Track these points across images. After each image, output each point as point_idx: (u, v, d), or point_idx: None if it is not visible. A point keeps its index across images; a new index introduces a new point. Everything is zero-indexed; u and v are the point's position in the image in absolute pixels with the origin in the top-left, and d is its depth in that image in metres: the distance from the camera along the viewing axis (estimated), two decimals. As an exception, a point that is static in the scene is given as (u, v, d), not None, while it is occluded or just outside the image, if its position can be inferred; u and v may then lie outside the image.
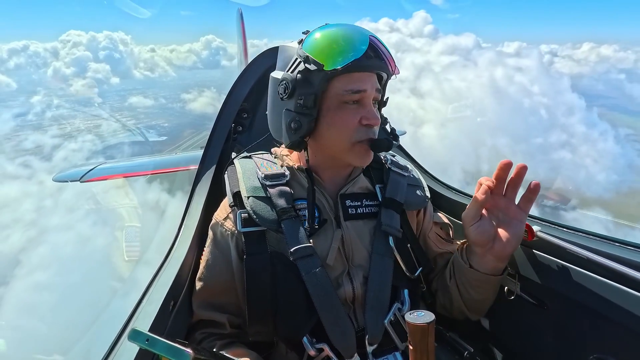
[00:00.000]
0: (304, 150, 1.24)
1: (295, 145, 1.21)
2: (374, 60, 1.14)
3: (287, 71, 1.19)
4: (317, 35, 1.17)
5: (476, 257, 1.20)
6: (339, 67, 1.10)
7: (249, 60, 1.94)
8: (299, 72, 1.16)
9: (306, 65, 1.13)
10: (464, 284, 1.25)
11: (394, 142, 1.22)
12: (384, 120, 1.30)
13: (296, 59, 1.17)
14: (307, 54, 1.14)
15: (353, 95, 1.14)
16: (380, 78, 1.22)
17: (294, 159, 1.32)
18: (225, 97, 1.83)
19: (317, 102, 1.15)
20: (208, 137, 1.77)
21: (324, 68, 1.11)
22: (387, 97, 1.29)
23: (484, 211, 1.18)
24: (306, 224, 1.21)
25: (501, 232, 1.16)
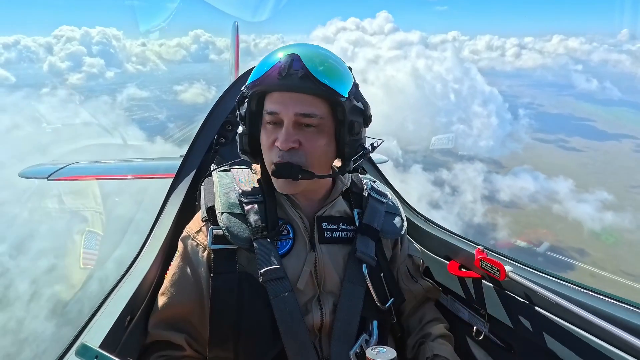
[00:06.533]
0: (258, 163, 1.20)
1: (244, 154, 1.19)
2: (290, 79, 1.02)
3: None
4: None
5: None
6: (242, 89, 1.11)
7: (240, 73, 1.84)
8: (242, 89, 1.14)
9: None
10: None
11: (300, 173, 1.06)
12: (347, 147, 1.11)
13: None
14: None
15: (268, 116, 1.08)
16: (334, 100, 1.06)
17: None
18: (211, 96, 1.81)
19: (243, 119, 1.13)
20: (189, 145, 1.67)
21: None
22: (350, 120, 1.08)
23: None
24: (280, 244, 1.13)
25: None
